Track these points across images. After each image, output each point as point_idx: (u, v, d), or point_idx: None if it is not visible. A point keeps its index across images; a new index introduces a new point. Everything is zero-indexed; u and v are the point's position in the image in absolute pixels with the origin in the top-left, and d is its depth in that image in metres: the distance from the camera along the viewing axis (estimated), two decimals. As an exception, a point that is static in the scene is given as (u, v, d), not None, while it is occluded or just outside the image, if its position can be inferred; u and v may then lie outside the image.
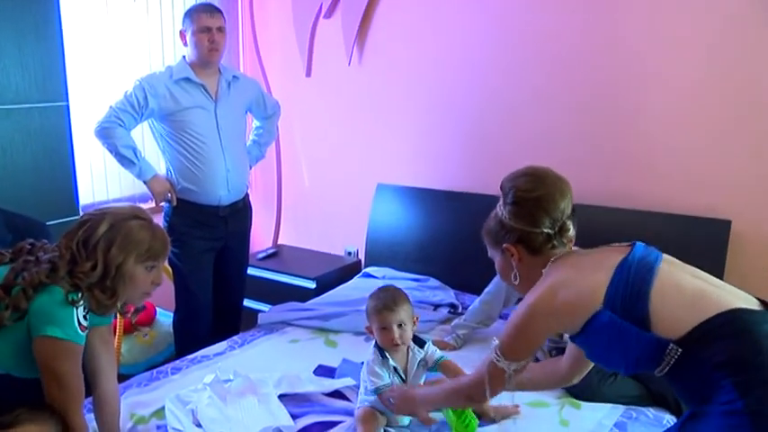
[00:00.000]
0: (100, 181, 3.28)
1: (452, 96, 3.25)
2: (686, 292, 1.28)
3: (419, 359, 2.04)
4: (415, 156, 3.45)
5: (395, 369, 1.99)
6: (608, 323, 1.29)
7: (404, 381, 1.99)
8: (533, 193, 1.45)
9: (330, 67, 3.62)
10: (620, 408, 2.08)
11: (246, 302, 3.29)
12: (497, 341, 1.45)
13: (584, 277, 1.35)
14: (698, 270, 1.38)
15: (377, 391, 1.94)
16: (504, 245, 1.49)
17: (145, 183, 2.73)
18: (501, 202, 1.52)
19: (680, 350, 1.23)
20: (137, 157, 2.68)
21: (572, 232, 1.47)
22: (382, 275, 3.33)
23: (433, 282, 3.21)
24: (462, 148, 3.28)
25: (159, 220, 2.81)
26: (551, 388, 1.84)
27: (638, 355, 1.29)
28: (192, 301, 2.84)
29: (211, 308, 2.89)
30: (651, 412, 2.06)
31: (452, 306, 2.96)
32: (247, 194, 2.98)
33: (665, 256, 1.38)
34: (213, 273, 2.89)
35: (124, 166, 2.70)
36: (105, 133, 2.61)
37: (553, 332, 1.44)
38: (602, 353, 1.37)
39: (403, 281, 3.23)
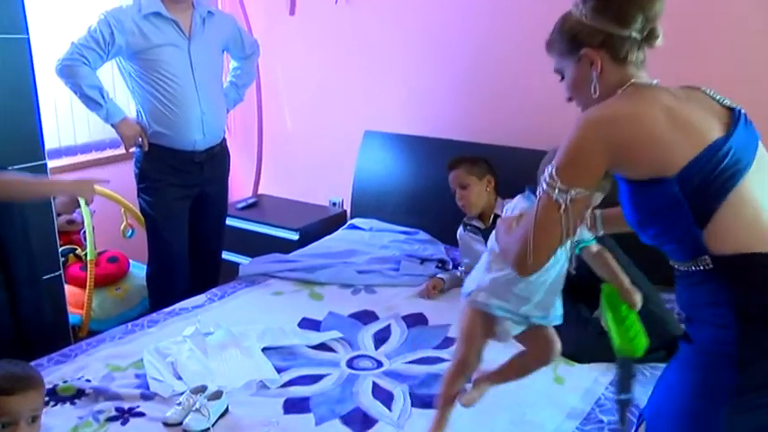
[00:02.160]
0: (66, 124, 3.23)
1: (446, 38, 3.22)
2: (754, 215, 1.18)
3: None
4: (406, 101, 3.42)
5: None
6: (671, 196, 1.17)
7: None
8: None
9: (316, 4, 3.55)
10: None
11: (225, 255, 3.29)
12: (546, 170, 1.22)
13: (671, 130, 1.18)
14: None
15: None
16: (584, 50, 1.27)
17: (113, 126, 2.70)
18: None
19: (711, 266, 1.18)
20: (103, 98, 2.63)
21: (660, 42, 1.27)
22: (369, 227, 3.36)
23: (423, 235, 3.24)
24: (456, 94, 3.26)
25: (131, 164, 2.81)
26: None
27: (672, 240, 1.22)
28: (167, 252, 2.84)
29: (187, 259, 2.90)
30: (648, 370, 2.09)
31: (441, 261, 3.00)
32: (225, 139, 2.96)
33: (760, 148, 1.24)
34: (189, 222, 2.89)
35: (90, 108, 2.66)
36: (68, 72, 2.56)
37: (607, 165, 1.20)
38: (641, 213, 1.24)
39: (390, 233, 3.29)
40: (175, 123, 2.70)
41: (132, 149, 2.78)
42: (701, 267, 1.19)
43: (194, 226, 2.91)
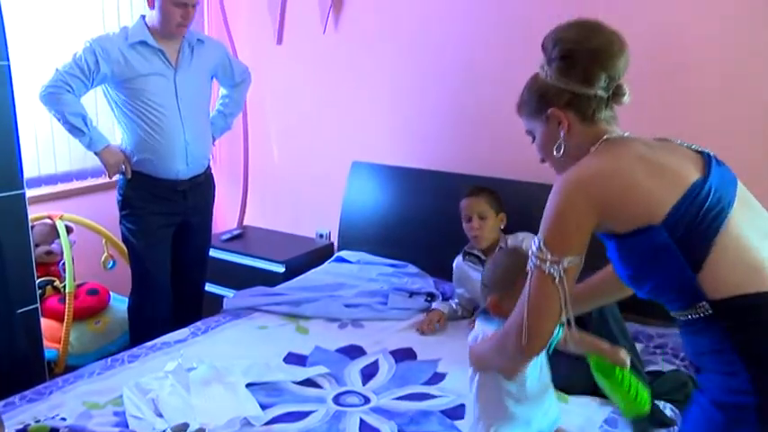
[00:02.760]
0: (47, 152, 3.21)
1: (435, 69, 3.25)
2: (748, 254, 1.18)
3: None
4: (394, 132, 3.44)
5: None
6: (660, 244, 1.17)
7: None
8: (587, 44, 1.26)
9: (303, 34, 3.59)
10: (610, 404, 2.10)
11: (209, 287, 3.27)
12: (534, 244, 1.24)
13: (648, 178, 1.20)
14: (765, 215, 1.27)
15: None
16: (550, 110, 1.30)
17: (96, 154, 2.69)
18: (544, 61, 1.34)
19: (710, 312, 1.17)
20: (87, 125, 2.63)
21: (627, 99, 1.30)
22: (356, 260, 3.34)
23: (412, 268, 3.22)
24: (444, 124, 3.28)
25: (113, 194, 2.79)
26: (610, 298, 1.60)
27: (668, 290, 1.21)
28: (149, 282, 2.82)
29: (170, 289, 2.88)
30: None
31: (430, 295, 2.98)
32: (209, 168, 2.97)
33: (739, 186, 1.26)
34: (172, 252, 2.88)
35: (74, 135, 2.65)
36: (51, 99, 2.56)
37: (594, 226, 1.21)
38: (634, 267, 1.24)
39: (378, 266, 3.27)
40: (159, 152, 2.70)
41: (116, 177, 2.77)
42: (701, 314, 1.18)
43: (177, 255, 2.90)
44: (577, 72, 1.28)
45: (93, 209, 3.18)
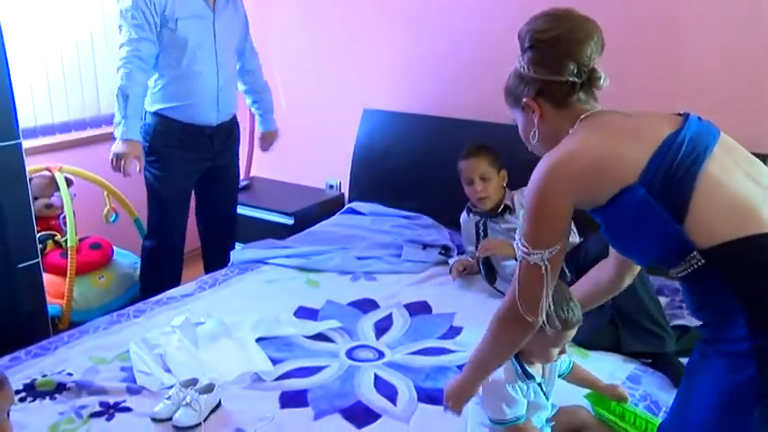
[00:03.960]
0: (43, 101, 3.17)
1: (450, 9, 3.16)
2: (733, 197, 1.21)
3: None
4: (407, 77, 3.37)
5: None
6: (639, 202, 1.22)
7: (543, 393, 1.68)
8: (551, 33, 1.35)
9: (309, -28, 3.49)
10: (633, 361, 2.10)
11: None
12: (518, 235, 1.35)
13: (619, 143, 1.27)
14: (755, 161, 1.30)
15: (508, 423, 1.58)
16: (524, 100, 1.40)
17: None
18: (519, 52, 1.43)
19: (702, 261, 1.20)
20: (125, 108, 2.60)
21: (605, 82, 1.38)
22: (368, 211, 3.32)
23: (426, 220, 3.21)
24: (459, 68, 3.21)
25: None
26: (601, 300, 1.67)
27: (659, 248, 1.25)
28: (167, 228, 2.87)
29: (184, 239, 2.95)
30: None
31: (445, 248, 2.96)
32: (235, 115, 2.98)
33: (722, 136, 1.29)
34: (202, 195, 3.00)
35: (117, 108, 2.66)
36: (123, 79, 2.60)
37: (573, 203, 1.29)
38: (622, 233, 1.31)
39: (391, 218, 3.25)
40: (193, 97, 2.73)
41: (130, 170, 2.70)
42: (694, 266, 1.21)
43: (208, 194, 3.01)
44: (545, 61, 1.36)
45: (94, 160, 3.15)
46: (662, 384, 2.00)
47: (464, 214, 2.79)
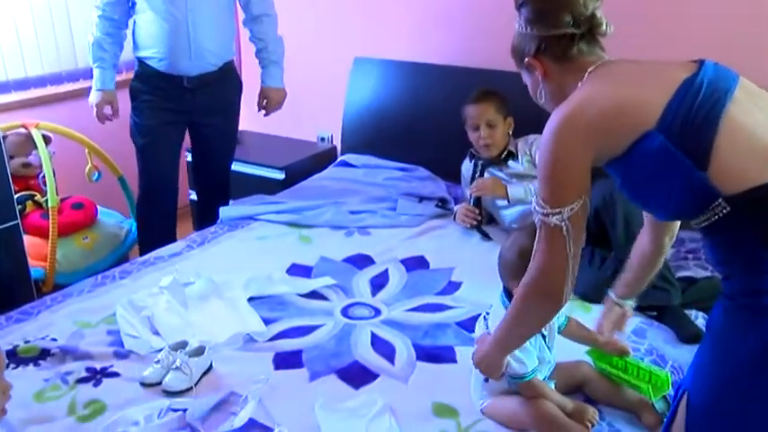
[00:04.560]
0: (13, 55, 3.03)
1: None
2: (758, 140, 1.16)
3: None
4: (399, 23, 3.28)
5: None
6: (658, 149, 1.18)
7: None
8: None
9: None
10: (638, 315, 2.04)
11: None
12: (534, 198, 1.31)
13: (633, 88, 1.23)
14: None
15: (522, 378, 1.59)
16: (526, 59, 1.38)
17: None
18: (516, 13, 1.42)
19: (727, 209, 1.15)
20: (99, 58, 2.65)
21: (609, 29, 1.34)
22: (362, 164, 3.27)
23: (422, 171, 3.16)
24: (453, 14, 3.11)
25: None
26: (654, 270, 1.61)
27: (680, 197, 1.21)
28: (151, 178, 2.80)
29: (177, 189, 2.89)
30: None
31: (442, 200, 2.92)
32: (228, 67, 2.82)
33: (741, 80, 1.25)
34: (196, 148, 2.94)
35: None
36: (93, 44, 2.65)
37: (589, 156, 1.25)
38: (642, 186, 1.26)
39: (386, 170, 3.20)
40: (163, 45, 2.63)
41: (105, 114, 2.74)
42: (719, 215, 1.17)
43: (199, 154, 2.96)
44: (539, 16, 1.34)
45: (73, 116, 3.06)
46: (667, 338, 1.97)
47: (466, 161, 2.76)
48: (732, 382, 1.19)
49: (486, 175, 2.64)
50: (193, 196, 3.25)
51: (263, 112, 3.02)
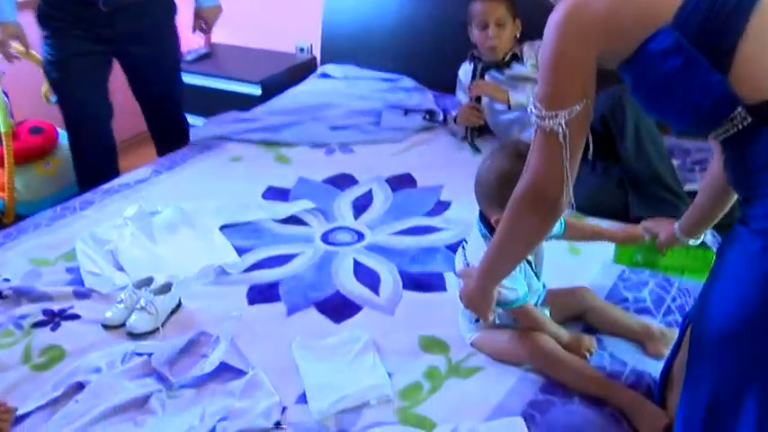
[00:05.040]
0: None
1: None
2: None
3: None
4: None
5: None
6: (673, 48, 1.07)
7: None
8: None
9: None
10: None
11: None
12: (531, 100, 1.20)
13: None
14: None
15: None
16: None
17: None
18: None
19: (748, 119, 1.06)
20: None
21: None
22: (343, 75, 3.15)
23: (408, 82, 3.06)
24: None
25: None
26: (729, 197, 1.42)
27: (696, 104, 1.10)
28: (76, 116, 2.52)
29: (110, 129, 2.61)
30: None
31: (429, 112, 2.81)
32: None
33: None
34: (132, 82, 2.63)
35: None
36: None
37: (594, 54, 1.16)
38: (655, 91, 1.16)
39: (369, 81, 3.09)
40: None
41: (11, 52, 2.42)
42: (738, 126, 1.08)
43: (138, 87, 2.65)
44: None
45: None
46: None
47: (465, 64, 2.64)
48: (742, 311, 1.09)
49: (486, 78, 2.53)
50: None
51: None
